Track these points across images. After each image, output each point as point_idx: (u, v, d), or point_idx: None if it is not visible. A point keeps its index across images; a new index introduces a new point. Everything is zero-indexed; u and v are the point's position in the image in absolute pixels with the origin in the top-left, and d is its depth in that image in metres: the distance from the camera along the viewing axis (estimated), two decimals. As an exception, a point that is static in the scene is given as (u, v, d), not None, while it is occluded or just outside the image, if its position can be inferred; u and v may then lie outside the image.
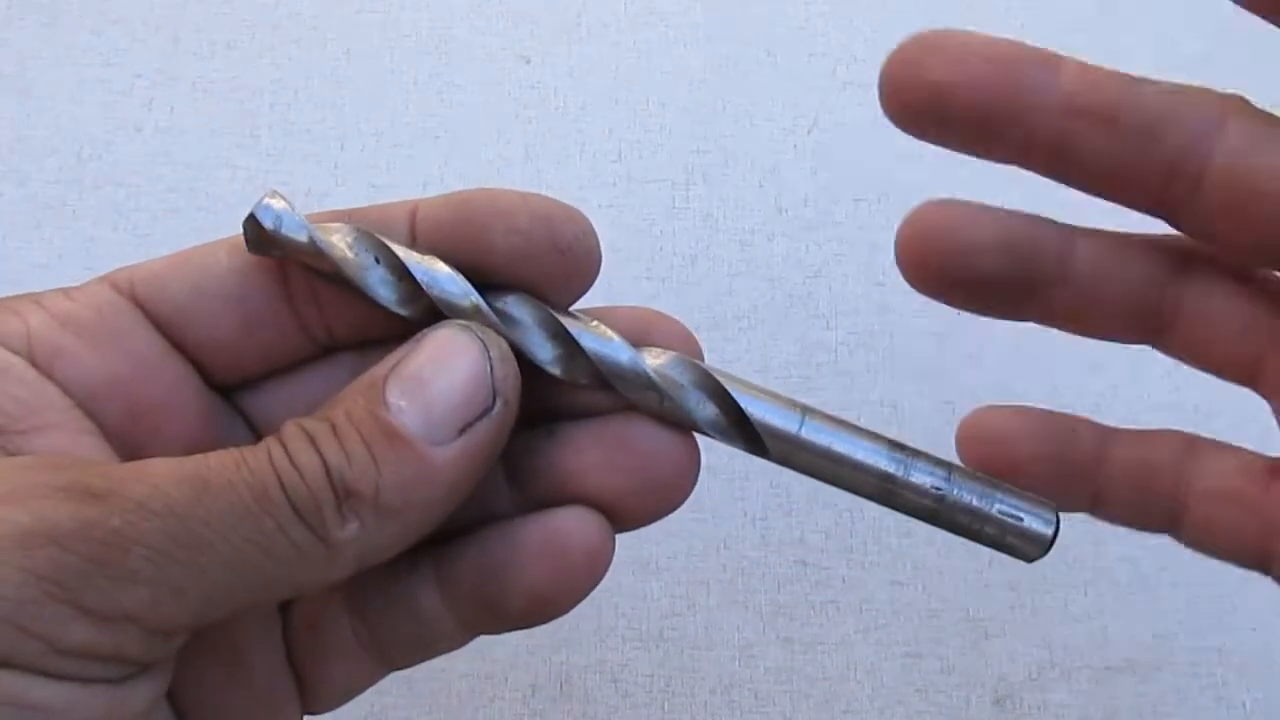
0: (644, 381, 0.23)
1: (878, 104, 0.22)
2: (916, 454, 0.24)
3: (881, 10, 0.47)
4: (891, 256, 0.23)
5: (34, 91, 0.44)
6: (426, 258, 0.22)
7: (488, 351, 0.21)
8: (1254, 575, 0.24)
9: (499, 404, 0.21)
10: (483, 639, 0.24)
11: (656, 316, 0.24)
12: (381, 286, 0.22)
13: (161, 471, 0.19)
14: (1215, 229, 0.22)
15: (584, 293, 0.24)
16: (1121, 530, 0.26)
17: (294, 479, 0.19)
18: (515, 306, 0.23)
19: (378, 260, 0.22)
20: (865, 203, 0.43)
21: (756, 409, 0.23)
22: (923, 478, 0.23)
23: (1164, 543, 0.25)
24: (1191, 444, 0.25)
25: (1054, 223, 0.23)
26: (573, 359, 0.23)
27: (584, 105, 0.45)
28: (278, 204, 0.22)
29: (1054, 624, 0.38)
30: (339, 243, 0.22)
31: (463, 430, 0.20)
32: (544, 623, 0.23)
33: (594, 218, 0.23)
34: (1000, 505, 0.23)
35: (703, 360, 0.24)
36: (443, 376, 0.20)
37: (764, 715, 0.37)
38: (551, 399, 0.23)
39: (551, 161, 0.44)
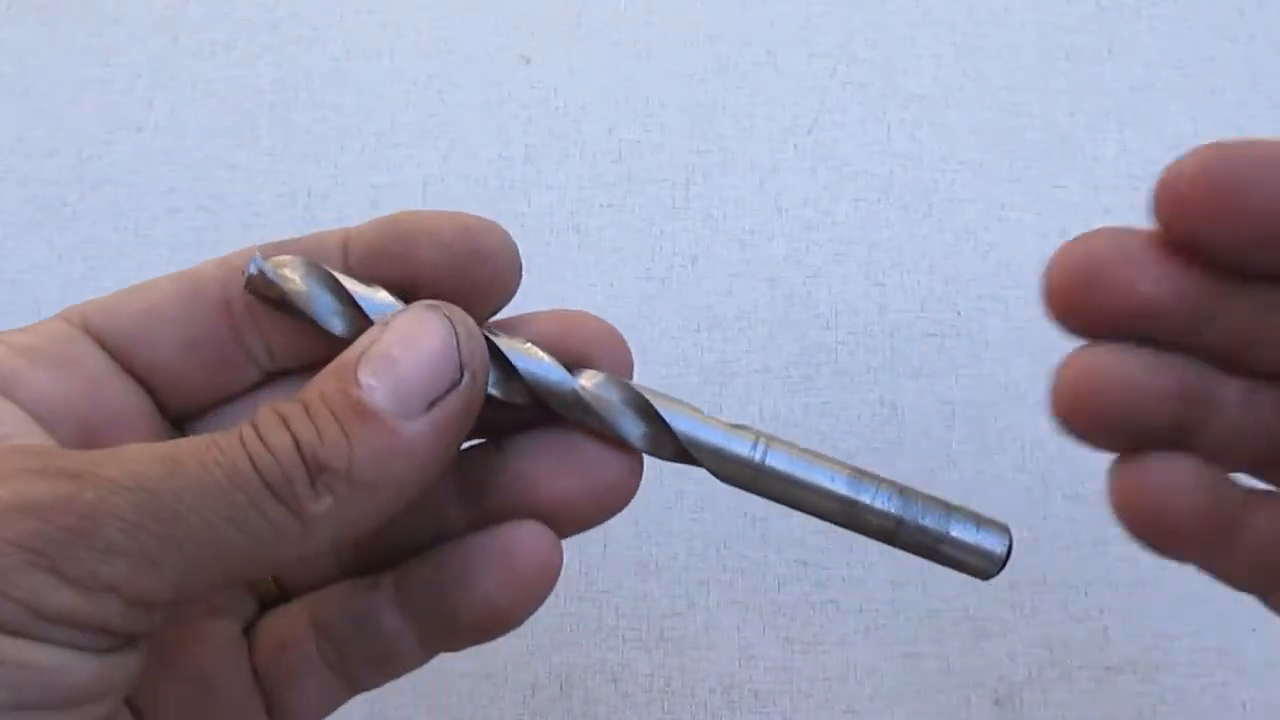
0: (574, 400, 0.23)
1: (877, 104, 0.22)
2: (875, 479, 0.24)
3: (881, 10, 0.47)
4: (891, 256, 0.23)
5: (34, 91, 0.44)
6: (357, 282, 0.23)
7: (454, 328, 0.22)
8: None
9: (466, 377, 0.21)
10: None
11: (581, 317, 0.25)
12: (333, 317, 0.23)
13: (133, 452, 0.19)
14: None
15: (508, 300, 0.25)
16: (1122, 530, 0.26)
17: (265, 457, 0.20)
18: None
19: (330, 293, 0.23)
20: (865, 203, 0.43)
21: (684, 425, 0.24)
22: (880, 502, 0.24)
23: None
24: None
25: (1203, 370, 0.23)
26: (509, 380, 0.24)
27: (584, 105, 0.45)
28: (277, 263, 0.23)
29: (1054, 624, 0.38)
30: (291, 275, 0.23)
31: (432, 404, 0.21)
32: (499, 635, 0.24)
33: (594, 218, 0.23)
34: (955, 526, 0.24)
35: (632, 371, 0.25)
36: (411, 353, 0.21)
37: (764, 715, 0.37)
38: (500, 418, 0.24)
39: (551, 161, 0.44)
